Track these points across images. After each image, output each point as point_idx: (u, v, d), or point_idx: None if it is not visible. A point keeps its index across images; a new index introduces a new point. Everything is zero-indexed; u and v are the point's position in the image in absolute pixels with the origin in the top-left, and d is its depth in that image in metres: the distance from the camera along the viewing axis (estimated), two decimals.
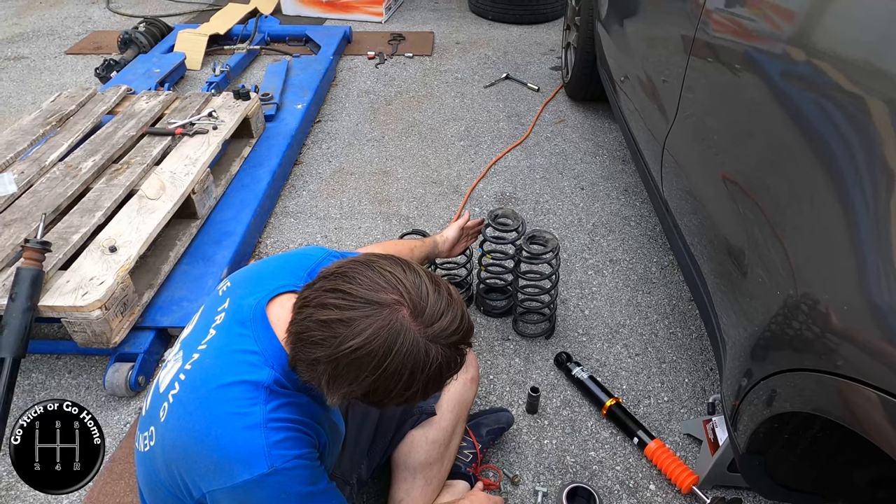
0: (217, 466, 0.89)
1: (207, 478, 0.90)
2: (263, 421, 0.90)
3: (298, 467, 0.91)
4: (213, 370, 0.95)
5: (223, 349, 0.97)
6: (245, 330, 0.97)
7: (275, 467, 0.88)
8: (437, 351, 0.87)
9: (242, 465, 0.88)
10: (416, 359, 0.85)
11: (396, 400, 0.90)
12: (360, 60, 3.83)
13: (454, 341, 0.89)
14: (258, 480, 0.88)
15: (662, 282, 2.18)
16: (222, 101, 2.67)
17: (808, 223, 1.05)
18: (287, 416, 0.93)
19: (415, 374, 0.86)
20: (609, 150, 2.94)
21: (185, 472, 0.92)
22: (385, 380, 0.86)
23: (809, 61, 1.10)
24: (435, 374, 0.88)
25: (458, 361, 0.92)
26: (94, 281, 1.69)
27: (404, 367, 0.85)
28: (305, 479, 0.93)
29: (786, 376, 1.02)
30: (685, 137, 1.70)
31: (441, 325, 0.87)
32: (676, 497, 1.52)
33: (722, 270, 1.42)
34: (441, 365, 0.88)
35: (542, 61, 3.79)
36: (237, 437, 0.89)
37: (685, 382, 1.81)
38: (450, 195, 2.62)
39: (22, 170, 2.16)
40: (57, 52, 4.00)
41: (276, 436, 0.90)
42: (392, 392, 0.88)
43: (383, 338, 0.84)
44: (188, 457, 0.92)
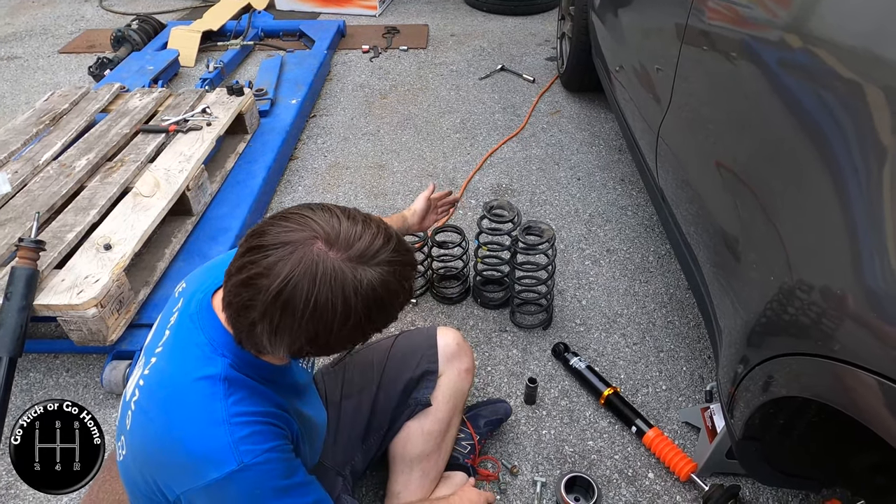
0: (186, 467, 0.87)
1: (178, 479, 0.88)
2: (226, 416, 0.87)
3: (271, 461, 0.89)
4: (168, 371, 0.93)
5: (175, 348, 0.95)
6: (193, 324, 0.95)
7: (244, 463, 0.86)
8: (366, 273, 0.82)
9: (210, 464, 0.85)
10: (343, 284, 0.80)
11: (346, 339, 0.86)
12: (355, 54, 3.82)
13: (383, 259, 0.84)
14: (228, 478, 0.85)
15: (659, 271, 2.17)
16: (216, 97, 2.66)
17: (803, 209, 1.05)
18: (250, 408, 0.90)
19: (349, 301, 0.81)
20: (605, 139, 2.93)
21: (157, 475, 0.91)
22: (321, 316, 0.81)
23: (805, 48, 1.10)
24: (373, 300, 0.83)
25: (398, 282, 0.86)
26: (90, 279, 1.68)
27: (335, 297, 0.80)
28: (279, 473, 0.90)
29: (781, 361, 1.02)
30: (679, 126, 1.69)
31: (361, 245, 0.83)
32: (675, 485, 1.52)
33: (717, 258, 1.42)
34: (375, 287, 0.83)
35: (537, 52, 3.77)
36: (202, 435, 0.87)
37: (683, 371, 1.81)
38: (446, 188, 2.62)
39: (16, 169, 2.15)
40: (50, 51, 3.99)
41: (242, 431, 0.87)
42: (334, 329, 0.82)
43: (301, 272, 0.79)
44: (157, 461, 0.90)
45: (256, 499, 0.89)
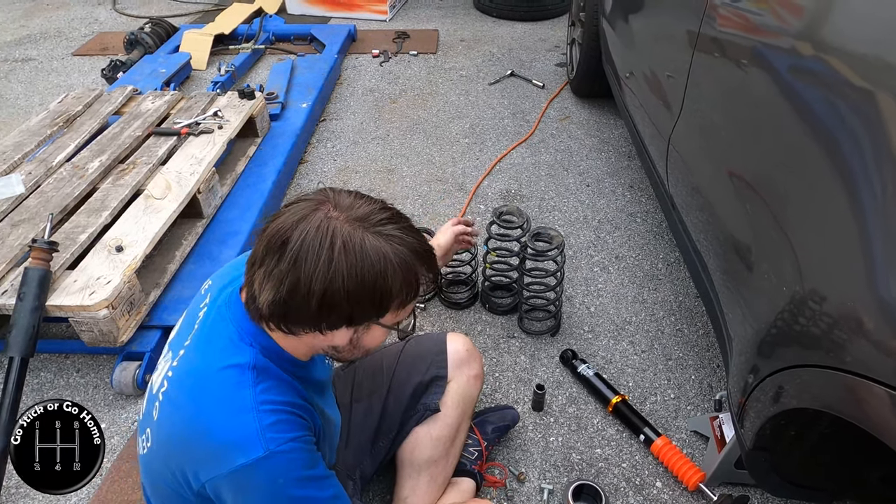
0: (213, 454, 0.88)
1: (205, 467, 0.89)
2: (254, 404, 0.89)
3: (295, 450, 0.90)
4: (198, 361, 0.95)
5: (204, 340, 0.97)
6: (221, 317, 0.97)
7: (270, 450, 0.87)
8: (362, 234, 0.86)
9: (237, 450, 0.87)
10: (332, 234, 0.84)
11: (320, 307, 0.86)
12: (365, 59, 3.84)
13: (385, 232, 0.87)
14: (254, 464, 0.86)
15: (669, 278, 2.17)
16: (227, 100, 2.68)
17: (815, 218, 1.04)
18: (277, 397, 0.92)
19: (332, 256, 0.83)
20: (615, 146, 2.93)
21: (184, 464, 0.92)
22: (303, 261, 0.84)
23: (817, 56, 1.09)
24: (360, 266, 0.84)
25: (397, 263, 0.87)
26: (101, 280, 1.70)
27: (321, 246, 0.84)
28: (303, 463, 0.92)
29: (792, 372, 1.01)
30: (690, 133, 1.69)
31: (364, 210, 0.88)
32: (683, 494, 1.51)
33: (728, 267, 1.41)
34: (367, 253, 0.85)
35: (546, 58, 3.78)
36: (230, 422, 0.88)
37: (692, 379, 1.80)
38: (454, 193, 2.62)
39: (29, 170, 2.18)
40: (64, 53, 4.03)
41: (269, 418, 0.89)
42: (312, 284, 0.84)
43: (299, 219, 0.85)
44: (184, 449, 0.92)
45: (279, 487, 0.89)
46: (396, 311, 0.94)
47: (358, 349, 0.98)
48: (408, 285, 0.90)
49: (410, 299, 0.93)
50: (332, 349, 0.98)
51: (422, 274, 0.92)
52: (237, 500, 0.90)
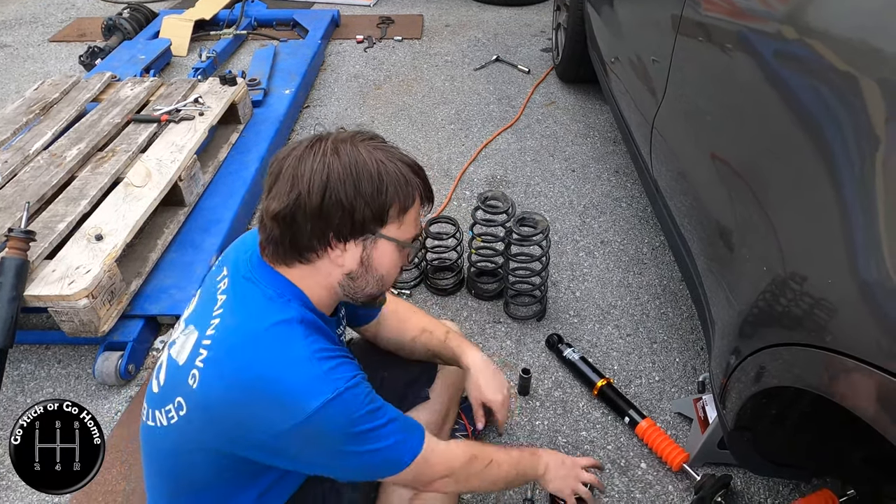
0: (281, 406, 0.89)
1: (273, 421, 0.89)
2: (310, 353, 0.92)
3: (359, 385, 0.94)
4: (242, 324, 0.95)
5: (241, 304, 0.97)
6: (252, 282, 0.98)
7: (338, 389, 0.90)
8: (357, 146, 0.93)
9: (308, 395, 0.88)
10: (336, 146, 0.92)
11: (350, 201, 0.91)
12: (349, 44, 3.79)
13: (372, 144, 0.94)
14: (327, 406, 0.88)
15: (654, 263, 2.18)
16: (209, 86, 2.64)
17: (797, 201, 1.05)
18: (327, 346, 0.95)
19: (327, 161, 0.91)
20: (600, 131, 2.93)
21: (238, 426, 0.91)
22: (301, 175, 0.90)
23: (801, 40, 1.09)
24: (352, 165, 0.91)
25: (388, 163, 0.93)
26: (81, 270, 1.67)
27: (315, 154, 0.92)
28: (367, 398, 0.95)
29: (773, 351, 1.02)
30: (674, 118, 1.69)
31: (353, 133, 0.95)
32: (667, 475, 1.53)
33: (711, 250, 1.42)
34: (358, 157, 0.91)
35: (532, 43, 3.76)
36: (293, 373, 0.90)
37: (676, 362, 1.82)
38: (440, 179, 2.61)
39: (5, 159, 2.13)
40: (40, 39, 3.94)
41: (328, 363, 0.92)
42: (311, 189, 0.90)
43: (306, 146, 0.94)
44: (243, 409, 0.90)
45: (354, 423, 0.92)
46: (399, 222, 0.96)
47: (371, 272, 0.99)
48: (404, 191, 0.94)
49: (409, 206, 0.96)
50: (349, 279, 0.99)
51: (416, 184, 0.96)
52: (306, 450, 0.92)
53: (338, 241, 0.94)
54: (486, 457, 1.15)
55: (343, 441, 0.93)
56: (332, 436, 0.92)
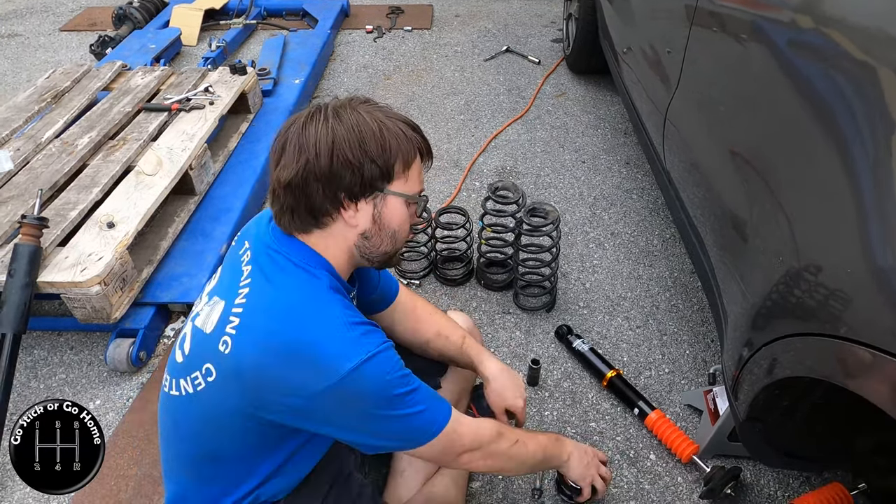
0: (316, 368, 0.92)
1: (307, 383, 0.92)
2: (344, 319, 0.95)
3: (390, 349, 0.97)
4: (273, 292, 0.98)
5: (270, 273, 1.00)
6: (278, 252, 1.01)
7: (371, 352, 0.93)
8: (355, 109, 0.97)
9: (342, 357, 0.92)
10: (336, 112, 0.97)
11: (358, 159, 0.94)
12: (359, 34, 3.78)
13: (365, 108, 0.98)
14: (360, 367, 0.91)
15: (664, 254, 2.17)
16: (219, 76, 2.64)
17: (812, 191, 1.04)
18: (357, 313, 0.99)
19: (329, 125, 0.95)
20: (611, 122, 2.91)
21: (271, 389, 0.93)
22: (329, 135, 0.94)
23: (817, 29, 1.08)
24: (352, 127, 0.95)
25: (383, 123, 0.97)
26: (93, 257, 1.68)
27: (318, 116, 0.97)
28: (397, 363, 0.98)
29: (787, 342, 1.01)
30: (687, 108, 1.67)
31: (348, 100, 1.00)
32: (677, 466, 1.53)
33: (725, 241, 1.41)
34: (362, 120, 0.96)
35: (542, 34, 3.73)
36: (328, 336, 0.93)
37: (686, 354, 1.81)
38: (450, 169, 2.60)
39: (18, 147, 2.14)
40: (51, 29, 3.95)
41: (360, 329, 0.96)
42: (319, 150, 0.94)
43: (306, 116, 0.98)
44: (278, 371, 0.93)
45: (387, 386, 0.95)
46: (404, 177, 1.00)
47: (384, 229, 1.02)
48: (406, 146, 0.99)
49: (412, 160, 1.00)
50: (363, 239, 1.02)
51: (415, 139, 1.01)
52: (339, 412, 0.95)
53: (350, 202, 0.98)
54: (514, 436, 1.16)
55: (376, 404, 0.96)
56: (366, 398, 0.94)
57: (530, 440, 1.20)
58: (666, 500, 1.46)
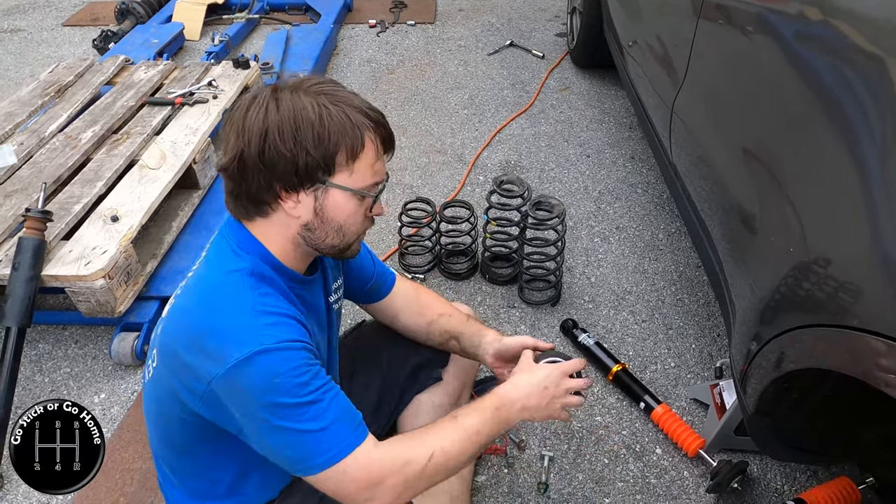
0: (214, 352, 0.88)
1: (207, 367, 0.88)
2: (253, 305, 0.90)
3: (291, 349, 0.89)
4: (202, 272, 0.99)
5: (207, 257, 1.01)
6: (223, 237, 1.00)
7: (264, 345, 0.87)
8: (301, 93, 0.90)
9: (235, 344, 0.87)
10: (278, 97, 0.90)
11: (291, 148, 0.88)
12: (362, 29, 3.77)
13: (321, 83, 0.92)
14: (248, 359, 0.86)
15: (669, 249, 2.16)
16: (222, 70, 2.63)
17: (822, 183, 1.03)
18: (276, 303, 0.93)
19: (284, 106, 0.89)
20: (615, 116, 2.89)
21: (185, 372, 0.92)
22: (265, 121, 0.89)
23: (825, 21, 1.07)
24: (309, 108, 0.88)
25: (337, 103, 0.90)
26: (97, 250, 1.68)
27: (258, 97, 0.91)
28: (298, 368, 0.89)
29: (796, 334, 1.01)
30: (694, 101, 1.66)
31: (302, 80, 0.93)
32: (683, 461, 1.52)
33: (733, 234, 1.40)
34: (300, 107, 0.88)
35: (546, 27, 3.71)
36: (230, 320, 0.90)
37: (692, 348, 1.81)
38: (454, 164, 2.59)
39: (21, 141, 2.14)
40: (54, 23, 3.95)
41: (266, 318, 0.90)
42: (277, 133, 0.88)
43: (251, 97, 0.93)
44: (187, 355, 0.91)
45: (272, 390, 0.87)
46: (349, 169, 0.92)
47: (328, 223, 0.95)
48: (350, 135, 0.90)
49: (358, 151, 0.91)
50: (307, 230, 0.96)
51: (366, 127, 0.91)
52: (235, 403, 0.89)
53: (288, 193, 0.91)
54: (424, 454, 0.97)
55: (260, 404, 0.88)
56: (251, 394, 0.88)
57: (456, 438, 1.00)
58: (672, 494, 1.46)
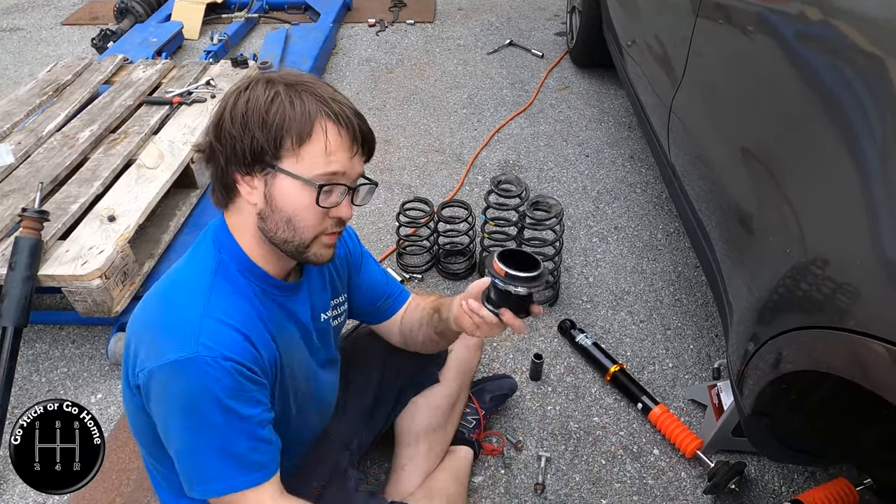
0: (153, 344, 0.90)
1: (146, 357, 0.90)
2: (203, 310, 0.91)
3: (225, 369, 0.88)
4: (176, 267, 1.00)
5: (190, 250, 1.02)
6: (209, 228, 1.01)
7: (198, 354, 0.87)
8: (257, 84, 0.92)
9: (172, 344, 0.88)
10: (250, 87, 0.92)
11: (241, 130, 0.90)
12: (361, 28, 3.76)
13: (291, 82, 0.92)
14: (181, 363, 0.87)
15: (668, 249, 2.15)
16: (220, 69, 2.63)
17: (820, 184, 1.02)
18: (228, 311, 0.92)
19: (244, 94, 0.91)
20: (614, 116, 2.89)
21: (132, 361, 0.94)
22: (225, 105, 0.93)
23: (825, 21, 1.06)
24: (264, 96, 0.90)
25: (294, 92, 0.91)
26: (94, 250, 1.67)
27: (237, 95, 0.93)
28: (227, 389, 0.88)
29: (793, 335, 1.00)
30: (693, 101, 1.66)
31: (283, 74, 0.94)
32: (680, 461, 1.52)
33: (730, 235, 1.40)
34: (255, 95, 0.90)
35: (546, 27, 3.71)
36: (175, 320, 0.91)
37: (690, 349, 1.80)
38: (452, 163, 2.59)
39: (19, 140, 2.14)
40: (53, 22, 3.94)
41: (212, 327, 0.90)
42: (228, 115, 0.91)
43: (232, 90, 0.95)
44: (138, 342, 0.93)
45: (195, 401, 0.88)
46: (296, 155, 0.90)
47: (277, 212, 0.93)
48: (299, 121, 0.89)
49: (306, 137, 0.89)
50: (261, 220, 0.95)
51: (321, 114, 0.90)
52: (159, 400, 0.91)
53: (242, 177, 0.92)
54: None
55: (175, 410, 0.90)
56: (172, 397, 0.89)
57: None
58: (669, 495, 1.45)
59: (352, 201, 0.97)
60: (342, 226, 0.99)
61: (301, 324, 1.08)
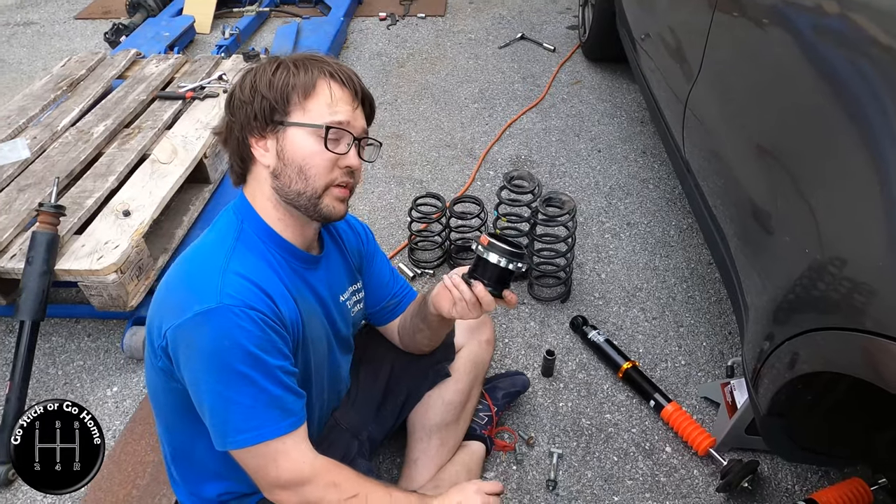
0: (177, 304, 0.93)
1: (169, 316, 0.93)
2: (224, 267, 0.94)
3: (250, 317, 0.90)
4: (198, 239, 1.05)
5: (211, 225, 1.07)
6: (231, 205, 1.07)
7: (223, 303, 0.89)
8: (274, 60, 1.01)
9: (196, 299, 0.91)
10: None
11: (252, 93, 0.99)
12: (372, 22, 3.75)
13: (295, 56, 1.02)
14: (205, 314, 0.89)
15: (681, 245, 2.14)
16: (232, 63, 2.63)
17: (838, 182, 1.01)
18: (250, 271, 0.96)
19: (258, 66, 1.02)
20: (627, 111, 2.87)
21: (157, 326, 0.96)
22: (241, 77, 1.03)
23: (843, 14, 1.05)
24: (273, 61, 1.01)
25: (297, 56, 1.02)
26: (109, 245, 1.69)
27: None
28: (253, 337, 0.90)
29: (810, 337, 1.00)
30: (709, 96, 1.64)
31: None
32: (693, 459, 1.51)
33: (746, 232, 1.38)
34: (261, 67, 1.01)
35: (558, 20, 3.68)
36: (198, 277, 0.95)
37: (703, 346, 1.79)
38: (464, 158, 2.58)
39: (34, 135, 2.15)
40: (66, 17, 3.96)
41: (234, 282, 0.93)
42: (243, 84, 1.01)
43: None
44: (160, 307, 0.97)
45: (223, 351, 0.90)
46: (303, 108, 0.99)
47: (289, 165, 0.99)
48: (302, 77, 0.98)
49: (311, 89, 0.99)
50: (274, 179, 1.01)
51: (321, 72, 0.99)
52: (187, 356, 0.92)
53: (256, 140, 1.00)
54: (351, 489, 0.98)
55: (202, 363, 0.91)
56: (199, 350, 0.91)
57: (378, 498, 1.01)
58: (682, 492, 1.45)
59: (359, 155, 1.03)
60: (352, 177, 1.03)
61: (321, 298, 1.12)
